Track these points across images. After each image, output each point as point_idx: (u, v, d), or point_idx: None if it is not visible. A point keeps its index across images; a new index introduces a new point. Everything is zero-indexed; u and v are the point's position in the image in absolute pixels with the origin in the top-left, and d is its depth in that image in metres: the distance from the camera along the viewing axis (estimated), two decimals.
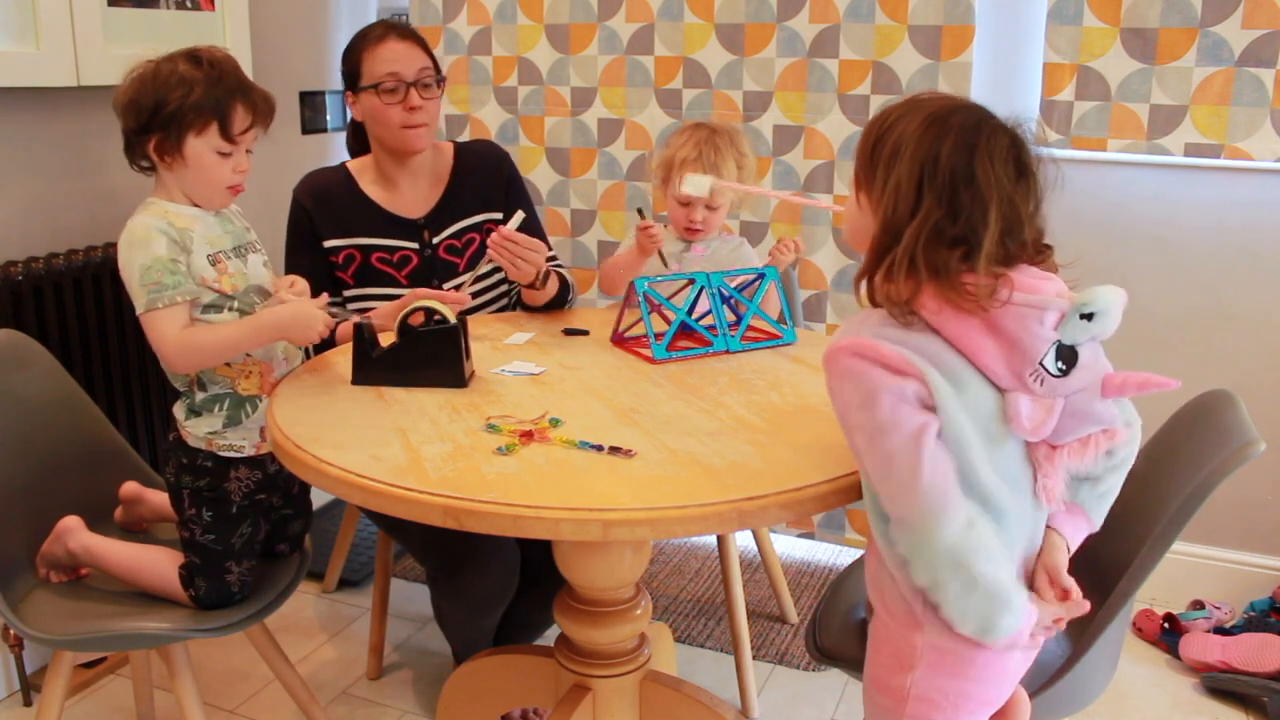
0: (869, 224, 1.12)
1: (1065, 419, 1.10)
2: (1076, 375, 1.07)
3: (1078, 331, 1.06)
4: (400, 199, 1.99)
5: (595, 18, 2.60)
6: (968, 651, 1.13)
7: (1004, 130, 1.08)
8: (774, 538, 2.65)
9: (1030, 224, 1.09)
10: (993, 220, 1.04)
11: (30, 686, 2.05)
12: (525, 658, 1.67)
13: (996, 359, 1.06)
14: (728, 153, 1.96)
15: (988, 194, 1.05)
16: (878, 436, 1.06)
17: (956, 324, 1.06)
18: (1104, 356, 1.10)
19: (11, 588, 1.58)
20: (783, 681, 2.17)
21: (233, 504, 1.60)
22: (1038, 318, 1.05)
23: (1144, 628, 2.28)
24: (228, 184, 1.55)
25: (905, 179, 1.06)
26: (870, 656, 1.23)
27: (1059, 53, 2.25)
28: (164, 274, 1.47)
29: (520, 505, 1.13)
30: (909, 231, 1.05)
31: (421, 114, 1.92)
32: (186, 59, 1.51)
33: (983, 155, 1.05)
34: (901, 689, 1.17)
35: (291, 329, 1.55)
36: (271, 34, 2.61)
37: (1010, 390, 1.08)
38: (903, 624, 1.16)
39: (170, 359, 1.51)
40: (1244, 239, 2.25)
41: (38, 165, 2.07)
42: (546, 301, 1.98)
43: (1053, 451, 1.11)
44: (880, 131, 1.11)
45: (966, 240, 1.05)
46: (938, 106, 1.09)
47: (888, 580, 1.17)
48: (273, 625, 1.78)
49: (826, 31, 2.39)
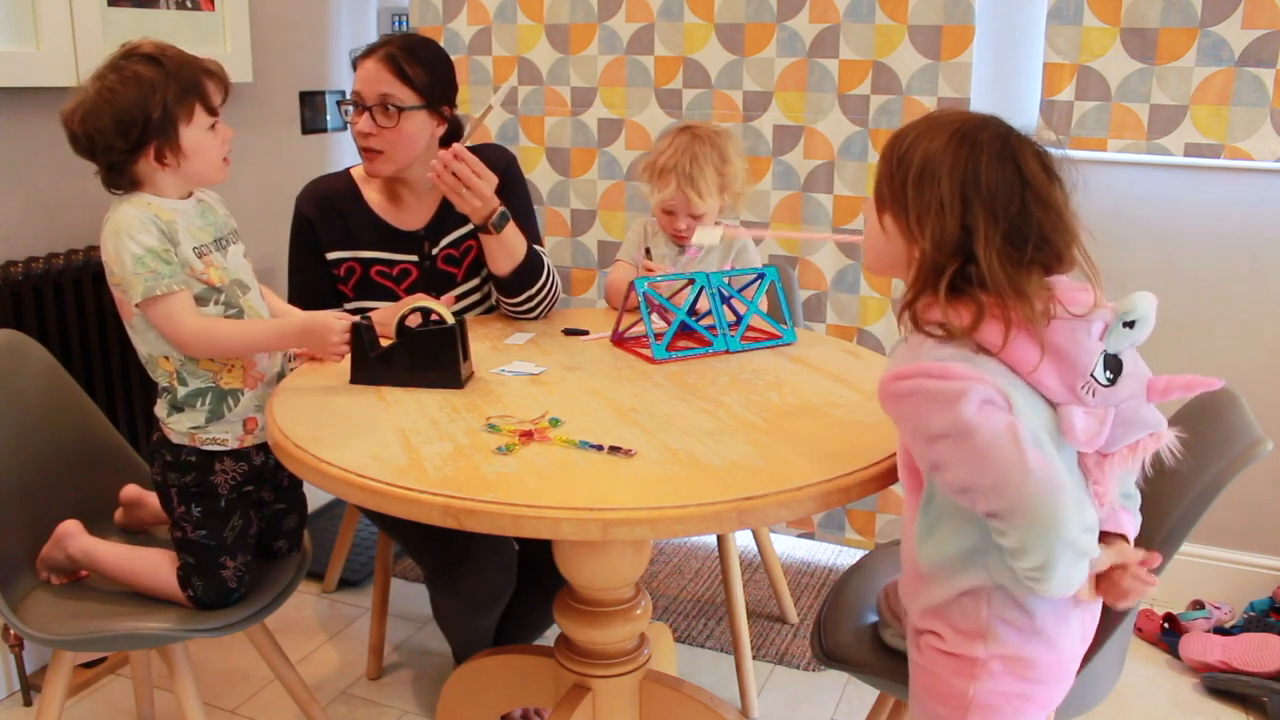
0: (898, 248, 1.11)
1: (1115, 427, 1.10)
2: (1124, 383, 1.08)
3: (1121, 340, 1.07)
4: (401, 209, 1.96)
5: (595, 18, 2.60)
6: (1032, 655, 1.13)
7: (1028, 139, 1.09)
8: (774, 538, 2.65)
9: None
10: (1068, 222, 1.06)
11: (30, 686, 2.05)
12: (525, 658, 1.67)
13: (1049, 374, 1.06)
14: (706, 162, 1.92)
15: (1048, 198, 1.06)
16: (967, 436, 1.03)
17: (1014, 345, 1.06)
18: (1143, 362, 1.11)
19: (11, 588, 1.58)
20: (783, 681, 2.17)
21: (220, 497, 1.60)
22: (1085, 329, 1.06)
23: (1144, 628, 2.28)
24: (222, 155, 1.57)
25: (949, 198, 1.06)
26: (921, 668, 1.21)
27: (1059, 53, 2.25)
28: (159, 263, 1.47)
29: (520, 505, 1.13)
30: (980, 249, 1.05)
31: (374, 140, 1.83)
32: (137, 62, 1.48)
33: (1027, 161, 1.06)
34: (963, 697, 1.16)
35: (309, 339, 1.57)
36: (271, 34, 2.61)
37: (1063, 404, 1.08)
38: (964, 635, 1.15)
39: (187, 343, 1.51)
40: (1244, 239, 2.25)
41: (38, 165, 2.07)
42: (514, 269, 1.87)
43: (1103, 459, 1.12)
44: (901, 152, 1.10)
45: (1043, 249, 1.06)
46: (960, 122, 1.09)
47: (939, 592, 1.16)
48: (273, 625, 1.78)
49: (826, 31, 2.39)
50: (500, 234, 1.83)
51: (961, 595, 1.15)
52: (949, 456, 1.06)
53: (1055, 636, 1.15)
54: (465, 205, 1.79)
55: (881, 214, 1.13)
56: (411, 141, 1.86)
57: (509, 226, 1.84)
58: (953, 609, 1.16)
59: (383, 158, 1.86)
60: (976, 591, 1.14)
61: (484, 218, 1.81)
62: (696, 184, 1.92)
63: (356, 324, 1.55)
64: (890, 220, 1.12)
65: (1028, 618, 1.13)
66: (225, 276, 1.57)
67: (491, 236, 1.83)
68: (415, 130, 1.86)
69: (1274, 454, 1.27)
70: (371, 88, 1.82)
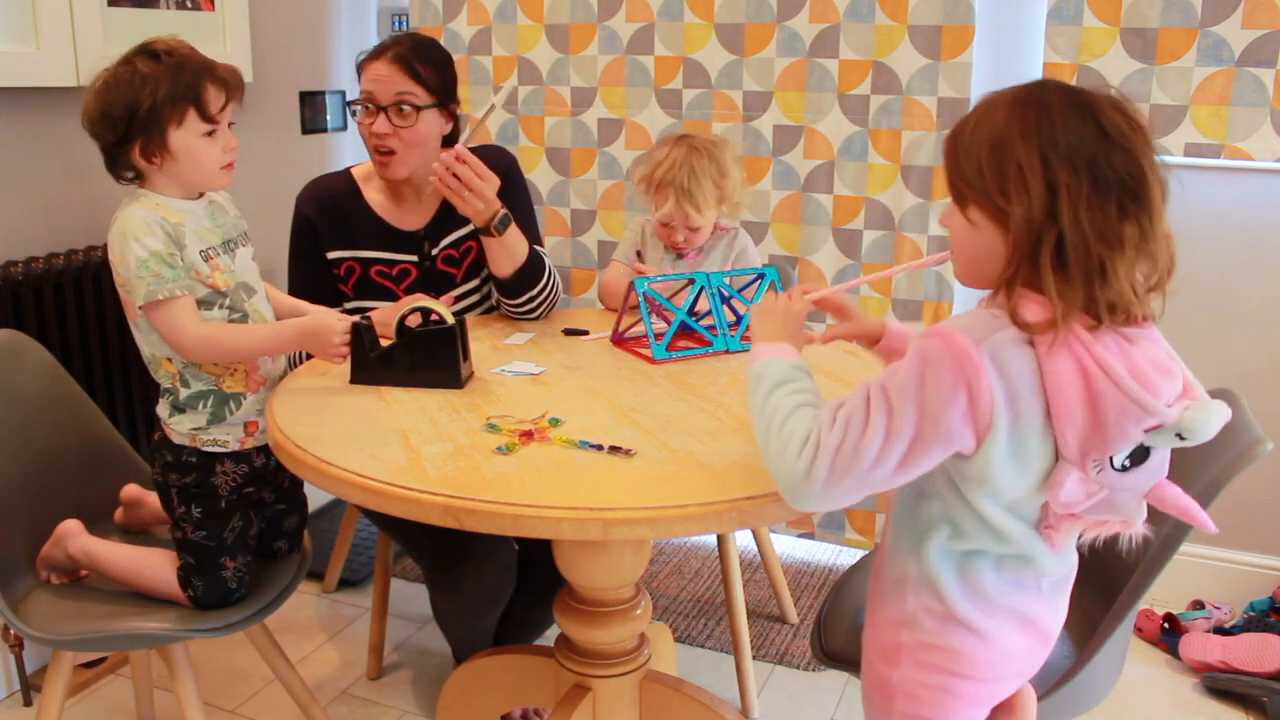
0: (992, 237, 1.02)
1: (1097, 503, 1.04)
2: (1135, 476, 1.02)
3: (1164, 442, 1.00)
4: (402, 209, 1.96)
5: (595, 18, 2.60)
6: (952, 645, 1.12)
7: (1101, 93, 1.02)
8: (774, 538, 2.65)
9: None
10: (1150, 177, 0.98)
11: (30, 686, 2.05)
12: (525, 658, 1.67)
13: (1075, 430, 0.98)
14: (704, 176, 1.91)
15: (1131, 148, 0.98)
16: (894, 394, 1.00)
17: (1064, 376, 0.97)
18: (1168, 461, 1.04)
19: (11, 588, 1.58)
20: (783, 681, 2.17)
21: (221, 498, 1.60)
22: (1138, 420, 0.97)
23: (1144, 628, 2.28)
24: (221, 164, 1.54)
25: (1026, 159, 0.97)
26: (863, 655, 1.24)
27: (1059, 53, 2.25)
28: (163, 267, 1.47)
29: (520, 505, 1.13)
30: (1064, 211, 0.96)
31: (390, 140, 1.83)
32: (143, 57, 1.48)
33: (1104, 113, 0.99)
34: (888, 684, 1.17)
35: (311, 342, 1.56)
36: (271, 34, 2.61)
37: (1066, 461, 1.00)
38: (892, 623, 1.16)
39: (187, 348, 1.51)
40: (1244, 239, 2.25)
41: (38, 165, 2.07)
42: (515, 270, 1.86)
43: (1068, 516, 1.07)
44: (966, 141, 1.03)
45: (1133, 202, 0.97)
46: (1016, 91, 1.02)
47: (880, 581, 1.18)
48: (273, 625, 1.78)
49: (826, 31, 2.39)
50: (502, 236, 1.83)
51: (893, 582, 1.16)
52: (869, 393, 1.03)
53: (982, 629, 1.11)
54: (467, 207, 1.79)
55: (965, 209, 1.05)
56: (426, 140, 1.87)
57: (511, 228, 1.84)
58: (888, 596, 1.17)
59: (396, 159, 1.86)
60: (903, 579, 1.14)
61: (486, 220, 1.81)
62: (695, 199, 1.91)
63: (356, 324, 1.55)
64: (975, 210, 1.03)
65: (943, 605, 1.11)
66: (231, 280, 1.57)
67: (493, 239, 1.83)
68: (429, 129, 1.86)
69: (1274, 454, 1.27)
70: (386, 88, 1.82)
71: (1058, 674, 1.33)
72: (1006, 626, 1.13)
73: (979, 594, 1.11)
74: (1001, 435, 0.99)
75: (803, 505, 1.06)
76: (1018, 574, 1.11)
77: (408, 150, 1.85)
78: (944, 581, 1.11)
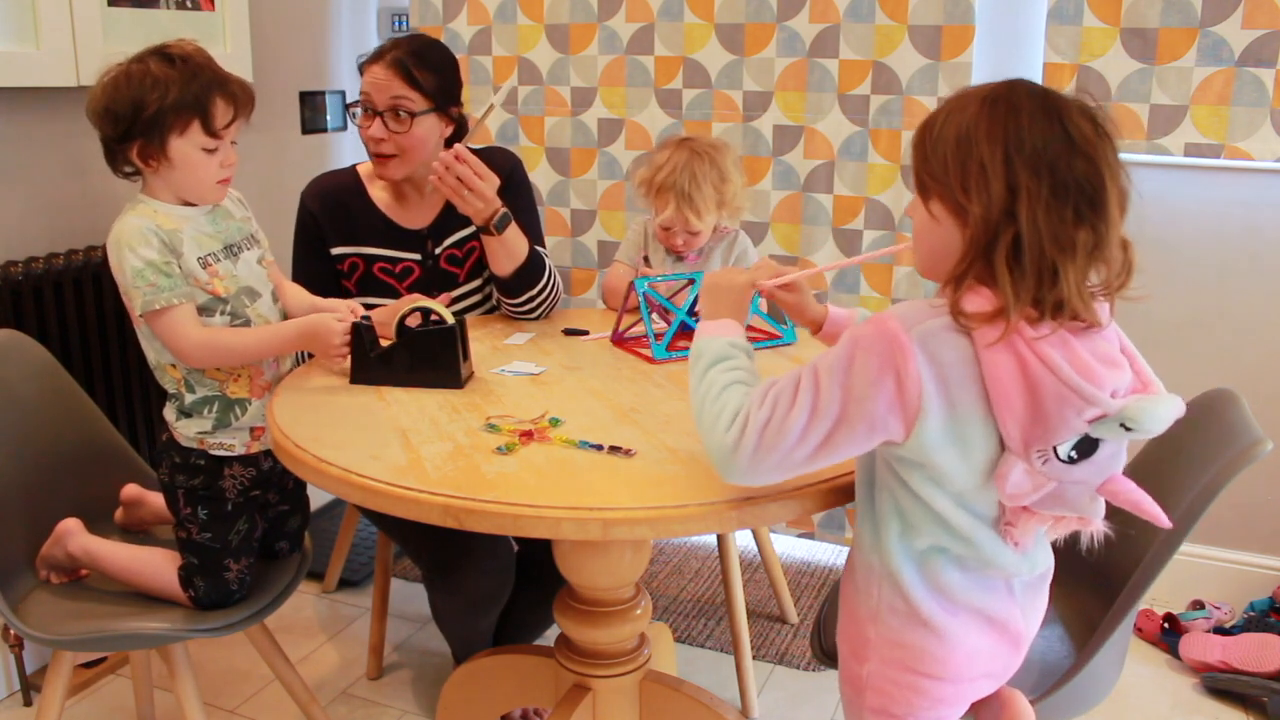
0: (950, 231, 1.03)
1: (1048, 497, 1.03)
2: (1083, 468, 1.01)
3: (1110, 433, 0.99)
4: (406, 207, 1.97)
5: (595, 18, 2.60)
6: (917, 644, 1.12)
7: (1072, 98, 1.02)
8: (774, 538, 2.65)
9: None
10: (1110, 186, 0.98)
11: (30, 686, 2.05)
12: (525, 658, 1.67)
13: (1016, 421, 0.98)
14: (705, 181, 1.90)
15: (1094, 156, 0.99)
16: (823, 374, 1.02)
17: (1001, 366, 0.97)
18: (1123, 457, 1.04)
19: (11, 588, 1.58)
20: (783, 681, 2.17)
21: (228, 501, 1.60)
22: (1079, 409, 0.96)
23: (1144, 628, 2.28)
24: (217, 179, 1.53)
25: (989, 158, 0.98)
26: (838, 648, 1.24)
27: (1059, 53, 2.25)
28: (158, 276, 1.46)
29: (520, 505, 1.13)
30: (1023, 212, 0.96)
31: (387, 144, 1.84)
32: (158, 58, 1.47)
33: (1071, 117, 0.99)
34: (859, 679, 1.17)
35: (311, 342, 1.56)
36: (271, 34, 2.61)
37: (1011, 451, 1.00)
38: (862, 619, 1.16)
39: (189, 355, 1.51)
40: (1244, 239, 2.25)
41: (38, 165, 2.07)
42: (515, 269, 1.87)
43: (1024, 511, 1.06)
44: (934, 134, 1.04)
45: (1090, 209, 0.98)
46: (987, 89, 1.03)
47: (851, 570, 1.19)
48: (273, 625, 1.78)
49: (826, 31, 2.39)
50: (501, 235, 1.83)
51: (862, 576, 1.16)
52: (811, 373, 1.04)
53: (945, 628, 1.11)
54: (467, 206, 1.79)
55: (927, 202, 1.06)
56: (423, 145, 1.87)
57: (511, 228, 1.84)
58: (858, 589, 1.17)
59: (395, 161, 1.87)
60: (869, 572, 1.14)
61: (485, 219, 1.81)
62: (695, 204, 1.90)
63: (356, 324, 1.55)
64: (937, 204, 1.04)
65: (906, 603, 1.11)
66: (232, 286, 1.56)
67: (493, 238, 1.83)
68: (426, 133, 1.87)
69: (1274, 454, 1.27)
70: (382, 93, 1.82)
71: (1058, 674, 1.33)
72: (970, 627, 1.12)
73: (942, 592, 1.11)
74: (934, 421, 0.99)
75: (731, 478, 1.09)
76: (983, 574, 1.11)
77: (405, 154, 1.86)
78: (905, 578, 1.11)
